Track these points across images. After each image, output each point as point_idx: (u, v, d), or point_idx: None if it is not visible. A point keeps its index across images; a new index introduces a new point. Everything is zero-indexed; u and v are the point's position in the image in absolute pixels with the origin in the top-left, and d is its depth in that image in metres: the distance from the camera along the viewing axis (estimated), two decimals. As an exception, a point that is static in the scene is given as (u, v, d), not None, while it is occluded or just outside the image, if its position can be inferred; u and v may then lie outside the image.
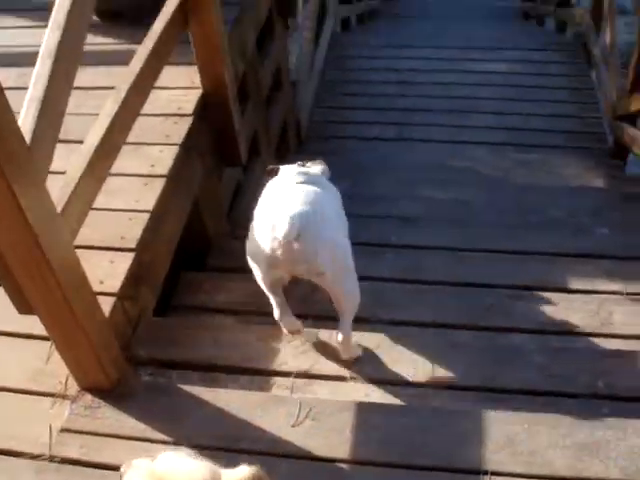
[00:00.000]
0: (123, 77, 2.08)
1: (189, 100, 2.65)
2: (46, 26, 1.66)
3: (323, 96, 5.37)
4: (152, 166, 2.42)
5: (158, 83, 2.32)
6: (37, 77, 1.59)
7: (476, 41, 6.48)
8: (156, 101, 2.51)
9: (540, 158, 4.39)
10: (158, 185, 2.35)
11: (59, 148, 1.66)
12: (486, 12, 10.26)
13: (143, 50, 2.19)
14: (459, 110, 5.13)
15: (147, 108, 2.26)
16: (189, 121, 2.58)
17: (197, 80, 2.66)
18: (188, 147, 2.53)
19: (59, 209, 1.62)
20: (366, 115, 5.17)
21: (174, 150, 2.46)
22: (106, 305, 1.96)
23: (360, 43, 6.53)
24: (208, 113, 2.70)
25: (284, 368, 2.13)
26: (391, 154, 4.59)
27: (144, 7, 2.79)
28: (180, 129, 2.55)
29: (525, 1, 9.87)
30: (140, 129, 2.28)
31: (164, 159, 2.43)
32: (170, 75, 2.55)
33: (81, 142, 1.87)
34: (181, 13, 2.39)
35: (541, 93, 5.37)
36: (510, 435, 1.81)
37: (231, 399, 1.95)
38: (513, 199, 3.62)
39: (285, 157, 4.16)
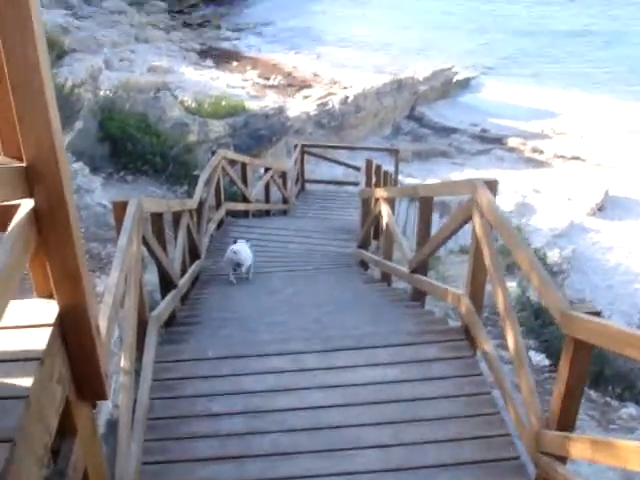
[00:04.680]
0: None
1: None
2: None
3: (153, 447, 3.94)
4: None
5: None
6: None
7: (333, 333, 5.47)
8: None
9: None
10: None
11: None
12: (330, 272, 9.16)
13: None
14: (330, 449, 3.87)
15: None
16: None
17: None
18: None
19: None
20: (215, 469, 3.77)
21: None
22: None
23: (195, 352, 5.17)
24: None
25: None
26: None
27: None
28: None
29: (362, 248, 9.29)
30: None
31: None
32: None
33: None
34: None
35: (429, 407, 4.24)
36: None
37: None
38: None
39: None
